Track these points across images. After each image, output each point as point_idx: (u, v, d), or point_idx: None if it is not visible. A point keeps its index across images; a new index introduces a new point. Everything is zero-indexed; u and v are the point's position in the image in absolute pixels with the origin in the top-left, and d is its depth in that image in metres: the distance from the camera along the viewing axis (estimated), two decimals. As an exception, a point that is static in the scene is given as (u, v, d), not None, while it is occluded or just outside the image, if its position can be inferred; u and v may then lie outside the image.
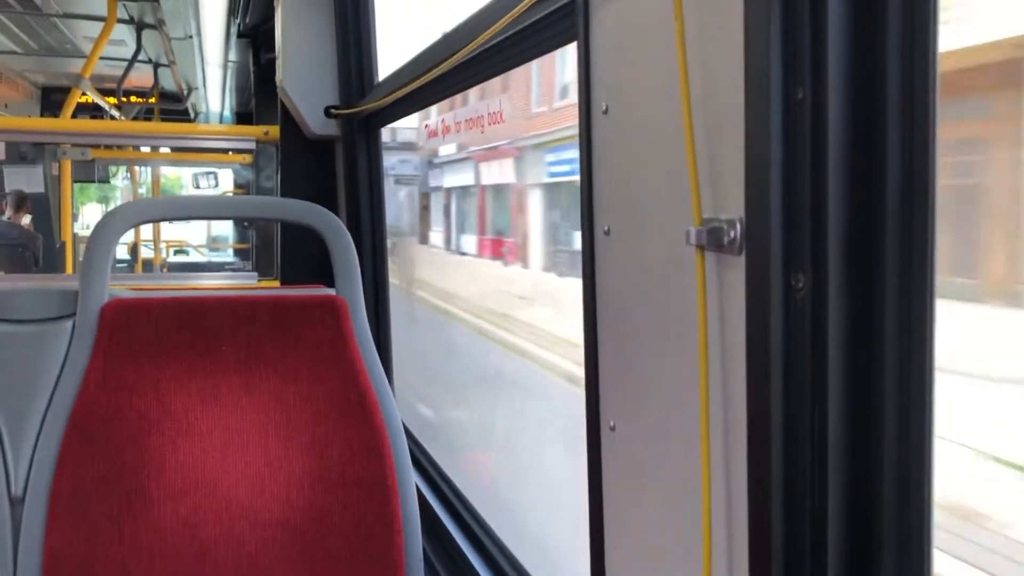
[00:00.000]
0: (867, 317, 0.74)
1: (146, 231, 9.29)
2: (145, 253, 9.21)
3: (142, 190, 10.13)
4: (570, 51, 1.19)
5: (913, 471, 0.74)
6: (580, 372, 1.15)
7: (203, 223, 11.68)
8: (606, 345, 1.08)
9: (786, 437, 0.77)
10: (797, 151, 0.74)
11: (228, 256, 10.87)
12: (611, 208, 1.04)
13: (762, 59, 0.75)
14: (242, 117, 8.05)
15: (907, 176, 0.72)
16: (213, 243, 11.63)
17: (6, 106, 6.95)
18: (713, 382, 0.85)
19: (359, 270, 1.70)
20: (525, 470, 3.17)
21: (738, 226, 0.79)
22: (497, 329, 4.18)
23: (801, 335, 0.75)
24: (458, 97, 2.16)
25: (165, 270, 9.08)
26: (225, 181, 9.90)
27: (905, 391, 0.73)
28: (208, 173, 9.26)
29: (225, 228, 11.55)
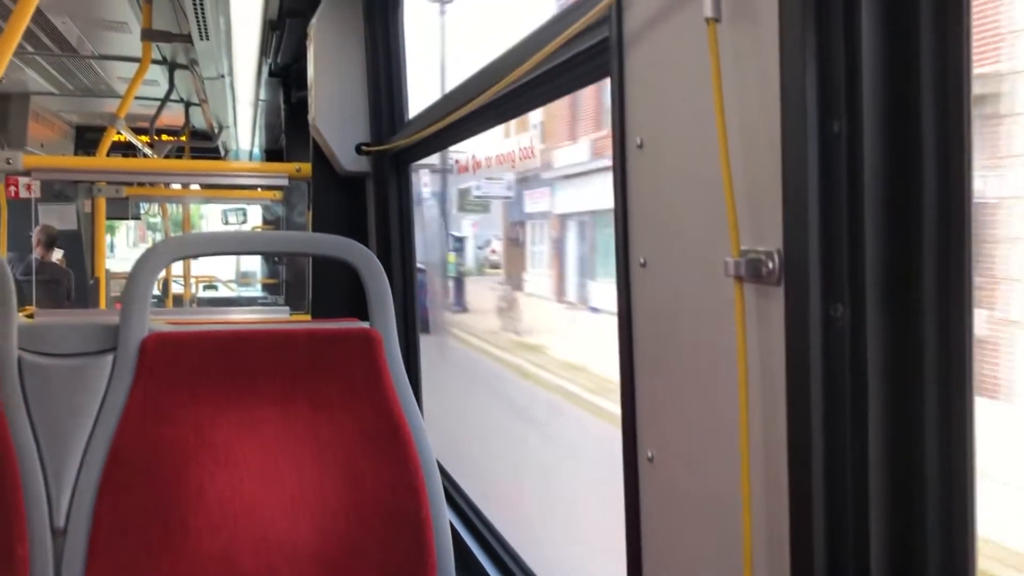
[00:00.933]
0: (906, 346, 0.75)
1: (176, 266, 9.40)
2: (175, 288, 9.31)
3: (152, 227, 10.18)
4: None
5: (956, 500, 0.74)
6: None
7: (231, 258, 11.81)
8: (643, 376, 1.09)
9: (827, 467, 0.77)
10: (834, 183, 0.76)
11: (256, 291, 10.96)
12: (647, 240, 1.06)
13: (798, 93, 0.76)
14: (271, 154, 8.16)
15: (943, 206, 0.73)
16: (242, 278, 11.74)
17: (42, 145, 7.09)
18: (753, 412, 0.85)
19: (392, 303, 1.72)
20: None
21: (776, 257, 0.80)
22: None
23: (840, 364, 0.76)
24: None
25: (194, 305, 9.17)
26: (253, 217, 10.04)
27: (945, 420, 0.74)
28: (238, 209, 9.40)
29: (253, 263, 11.67)
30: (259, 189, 5.78)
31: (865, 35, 0.74)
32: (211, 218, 11.23)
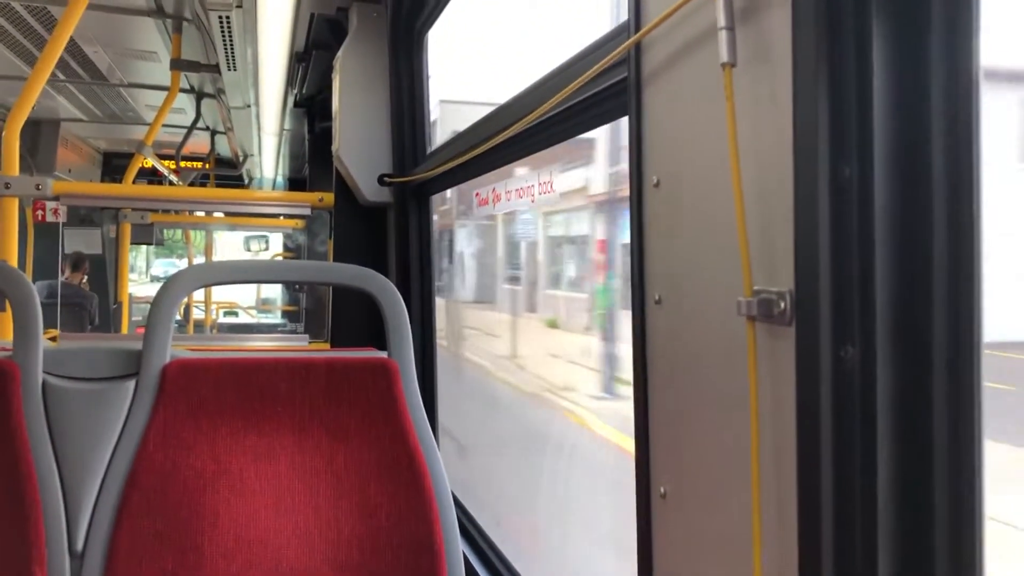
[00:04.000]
0: (915, 388, 0.76)
1: (197, 293, 9.48)
2: (196, 315, 9.38)
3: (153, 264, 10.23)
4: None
5: (965, 544, 0.75)
6: None
7: (252, 285, 11.90)
8: (657, 412, 1.10)
9: (837, 508, 0.78)
10: (845, 225, 0.77)
11: (276, 318, 11.03)
12: (662, 278, 1.07)
13: (810, 137, 0.78)
14: (294, 183, 8.24)
15: (953, 249, 0.74)
16: (263, 305, 11.81)
17: (70, 171, 7.20)
18: (764, 450, 0.86)
19: (411, 334, 1.74)
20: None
21: (788, 298, 0.82)
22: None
23: (850, 405, 0.77)
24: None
25: (215, 331, 9.23)
26: (274, 245, 10.12)
27: (955, 462, 0.75)
28: (259, 237, 9.49)
29: (274, 291, 11.75)
30: (282, 217, 5.85)
31: (876, 80, 0.76)
32: (225, 243, 11.30)
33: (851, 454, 0.77)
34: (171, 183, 6.51)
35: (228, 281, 1.81)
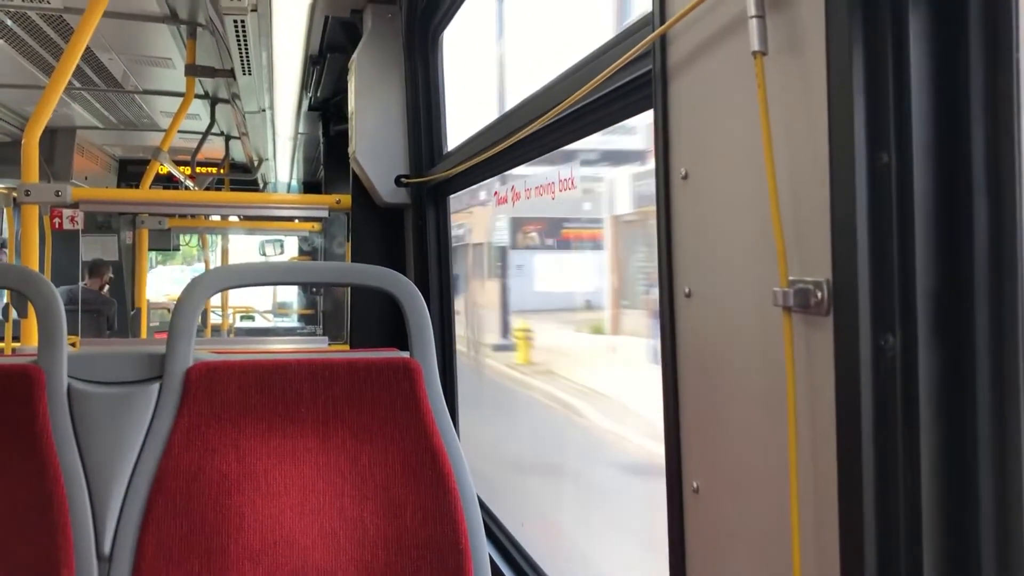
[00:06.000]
0: (959, 377, 0.75)
1: (214, 297, 9.48)
2: (213, 319, 9.41)
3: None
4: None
5: (1013, 541, 0.73)
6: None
7: (268, 289, 11.93)
8: (688, 406, 1.09)
9: (879, 501, 0.77)
10: (883, 214, 0.76)
11: (293, 321, 11.05)
12: (692, 271, 1.06)
13: (846, 124, 0.77)
14: (309, 187, 8.26)
15: (994, 236, 0.73)
16: (279, 308, 11.84)
17: (86, 178, 7.24)
18: (802, 443, 0.85)
19: (432, 333, 1.74)
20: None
21: (825, 287, 0.80)
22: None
23: (892, 396, 0.76)
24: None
25: (232, 335, 9.26)
26: (289, 249, 10.15)
27: (1000, 453, 0.73)
28: (275, 240, 9.51)
29: (290, 294, 11.77)
30: (297, 220, 5.86)
31: (914, 67, 0.74)
32: (239, 248, 11.32)
33: (893, 447, 0.76)
34: (187, 188, 6.54)
35: (250, 283, 1.81)
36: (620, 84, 1.33)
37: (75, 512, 1.54)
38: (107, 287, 7.06)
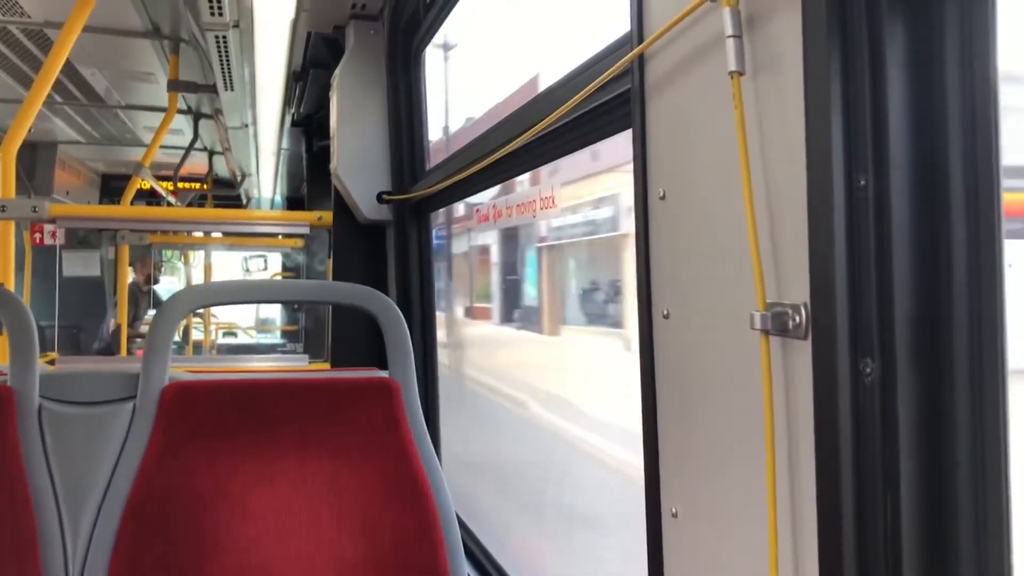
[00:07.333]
0: (937, 401, 0.74)
1: (197, 314, 9.44)
2: (195, 335, 9.35)
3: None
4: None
5: (992, 559, 0.72)
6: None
7: (252, 305, 11.86)
8: (666, 430, 1.08)
9: (858, 527, 0.75)
10: (861, 237, 0.75)
11: (276, 338, 10.99)
12: (670, 292, 1.05)
13: (824, 147, 0.76)
14: (293, 202, 8.24)
15: (973, 260, 0.72)
16: (262, 325, 11.78)
17: (68, 193, 7.19)
18: (780, 467, 0.84)
19: (412, 352, 1.72)
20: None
21: (803, 311, 0.79)
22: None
23: (870, 420, 0.75)
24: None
25: (215, 351, 9.20)
26: (272, 265, 10.11)
27: (980, 478, 0.72)
28: (258, 256, 9.47)
29: (273, 311, 11.71)
30: (280, 237, 5.83)
31: (891, 89, 0.74)
32: (222, 263, 11.29)
33: (872, 472, 0.75)
34: (169, 204, 6.50)
35: (226, 302, 1.79)
36: (601, 102, 1.33)
37: (44, 536, 1.51)
38: (146, 281, 7.19)
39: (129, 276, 6.41)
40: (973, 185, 0.72)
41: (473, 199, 2.51)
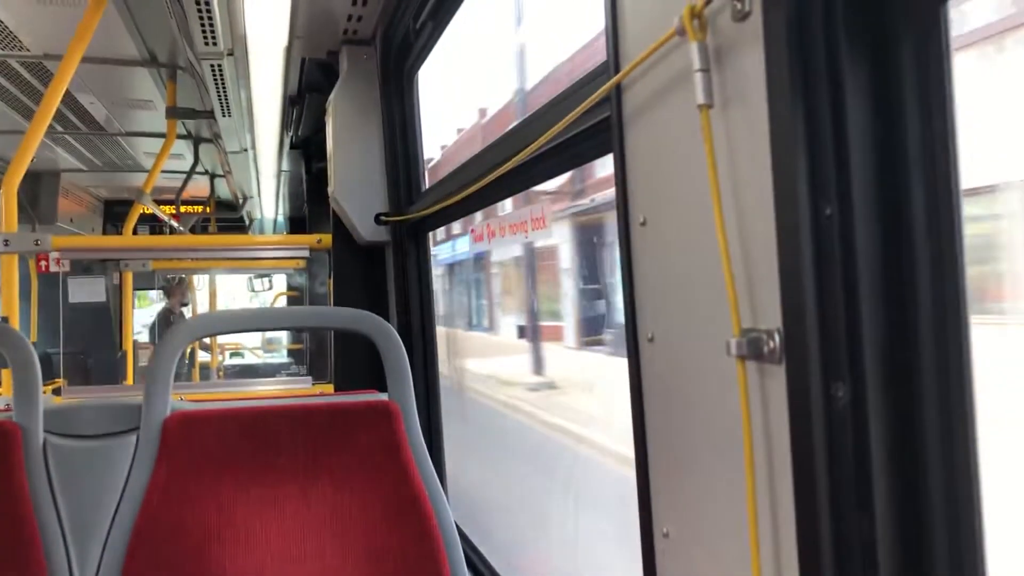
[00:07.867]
0: (909, 424, 0.76)
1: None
2: (202, 357, 9.40)
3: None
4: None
5: None
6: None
7: (258, 326, 11.87)
8: (656, 450, 1.10)
9: (835, 547, 0.77)
10: (829, 264, 0.77)
11: (283, 357, 11.04)
12: (653, 316, 1.07)
13: (790, 177, 0.78)
14: (295, 222, 8.28)
15: (938, 285, 0.74)
16: (268, 345, 11.84)
17: (71, 220, 7.24)
18: (760, 491, 0.85)
19: (410, 375, 1.74)
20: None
21: (777, 336, 0.81)
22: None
23: (843, 444, 0.77)
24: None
25: (221, 373, 9.23)
26: (278, 283, 10.16)
27: (952, 499, 0.74)
28: (263, 277, 9.53)
29: (279, 331, 11.77)
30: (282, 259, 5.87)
31: (851, 121, 0.76)
32: (228, 282, 11.36)
33: (847, 493, 0.76)
34: (172, 228, 6.54)
35: (226, 331, 1.81)
36: (585, 127, 1.35)
37: (53, 571, 1.53)
38: (185, 305, 7.30)
39: (162, 301, 6.52)
40: (934, 211, 0.74)
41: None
